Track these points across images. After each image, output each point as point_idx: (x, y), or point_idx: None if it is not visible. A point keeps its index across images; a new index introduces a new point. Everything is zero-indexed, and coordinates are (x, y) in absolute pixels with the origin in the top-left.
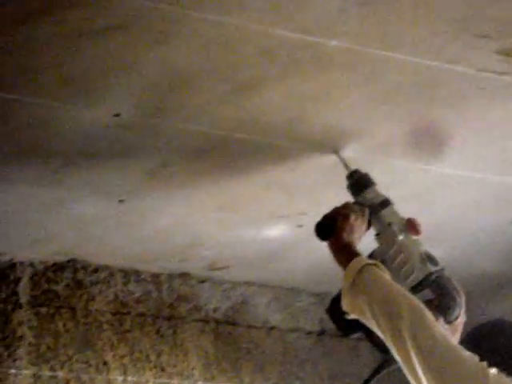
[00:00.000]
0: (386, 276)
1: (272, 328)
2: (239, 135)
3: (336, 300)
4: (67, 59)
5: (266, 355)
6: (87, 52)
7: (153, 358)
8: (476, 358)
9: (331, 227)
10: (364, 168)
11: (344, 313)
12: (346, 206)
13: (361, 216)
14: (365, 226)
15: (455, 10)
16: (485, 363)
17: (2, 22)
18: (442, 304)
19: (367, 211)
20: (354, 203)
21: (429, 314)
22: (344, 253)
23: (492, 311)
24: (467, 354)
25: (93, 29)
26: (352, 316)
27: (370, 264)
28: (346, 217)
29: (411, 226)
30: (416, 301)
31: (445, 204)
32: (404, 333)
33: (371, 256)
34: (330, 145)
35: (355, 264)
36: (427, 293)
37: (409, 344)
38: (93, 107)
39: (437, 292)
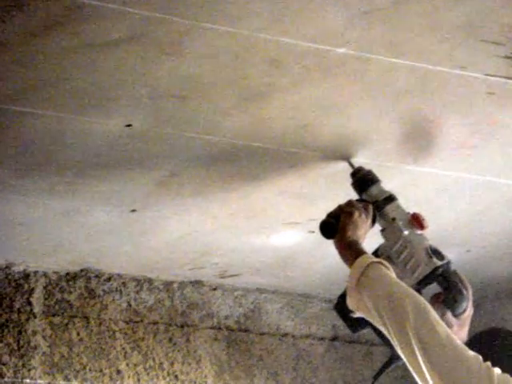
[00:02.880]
0: (391, 274)
1: (284, 334)
2: (250, 143)
3: (343, 296)
4: (79, 71)
5: (278, 362)
6: (99, 63)
7: (166, 366)
8: (480, 357)
9: (335, 225)
10: (375, 173)
11: (351, 310)
12: (349, 203)
13: (365, 212)
14: (369, 222)
15: (463, 15)
16: (489, 363)
17: (15, 35)
18: (448, 298)
19: (371, 207)
20: (359, 200)
21: (433, 312)
22: (349, 251)
23: (505, 315)
24: (471, 353)
25: (105, 41)
26: (357, 314)
27: (374, 262)
28: (350, 214)
29: (416, 220)
30: (420, 298)
31: (456, 208)
32: (408, 330)
33: (377, 252)
34: (340, 151)
35: (360, 262)
36: (434, 287)
37: (413, 342)
38: (105, 118)
39: (443, 286)
